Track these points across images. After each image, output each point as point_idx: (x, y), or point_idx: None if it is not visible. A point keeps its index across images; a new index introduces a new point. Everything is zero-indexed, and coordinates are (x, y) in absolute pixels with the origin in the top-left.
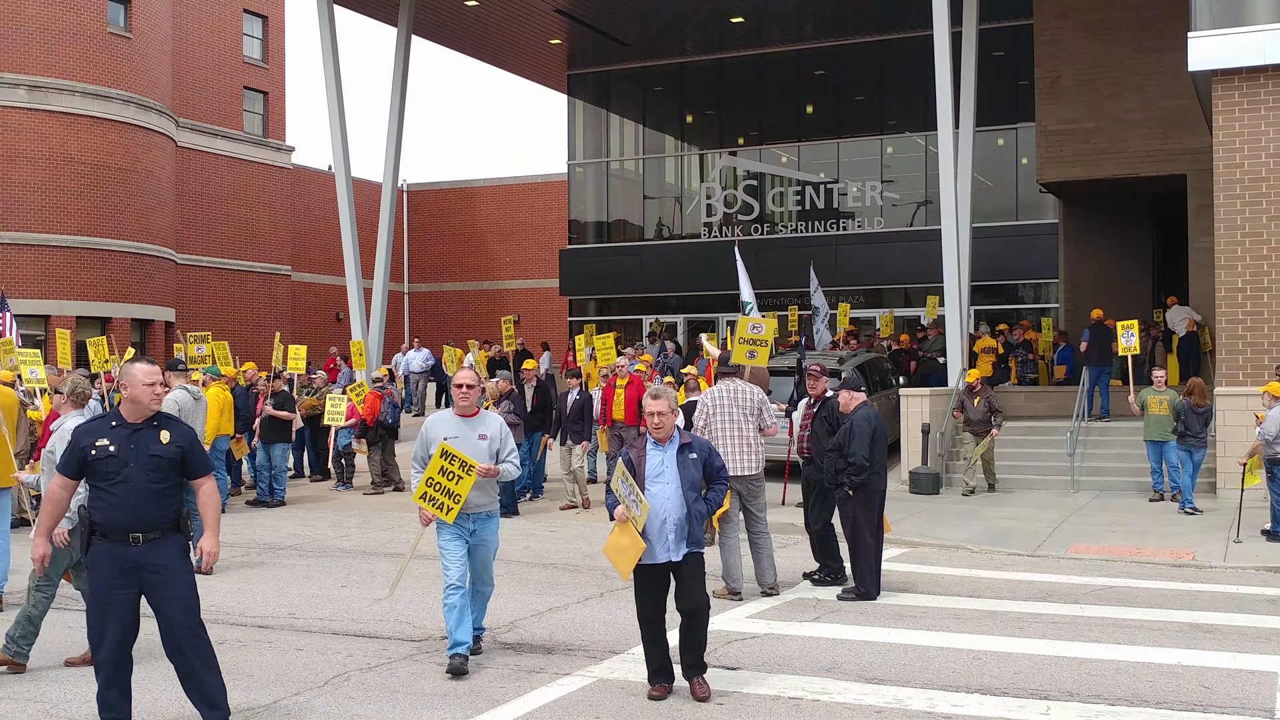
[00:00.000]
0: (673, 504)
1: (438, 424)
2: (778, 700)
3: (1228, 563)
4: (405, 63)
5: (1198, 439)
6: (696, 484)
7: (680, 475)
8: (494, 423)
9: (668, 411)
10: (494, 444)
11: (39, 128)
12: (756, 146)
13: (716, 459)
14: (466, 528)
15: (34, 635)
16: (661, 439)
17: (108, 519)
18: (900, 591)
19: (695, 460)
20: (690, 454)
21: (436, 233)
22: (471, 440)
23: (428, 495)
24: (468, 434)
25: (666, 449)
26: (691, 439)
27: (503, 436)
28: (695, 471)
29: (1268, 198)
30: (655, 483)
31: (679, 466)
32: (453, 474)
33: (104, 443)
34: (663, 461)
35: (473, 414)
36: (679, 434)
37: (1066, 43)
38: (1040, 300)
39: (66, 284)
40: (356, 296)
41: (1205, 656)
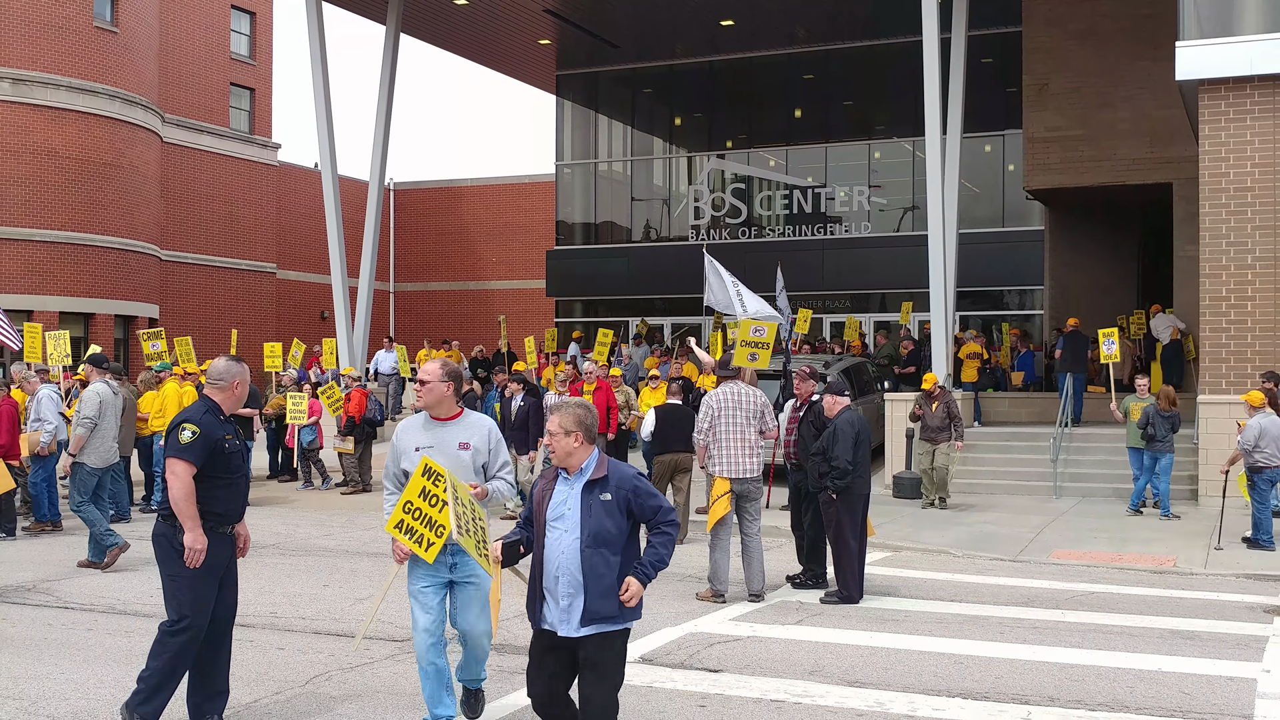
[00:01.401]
0: (568, 559)
1: (407, 431)
2: (760, 702)
3: (1209, 569)
4: (393, 61)
5: (1164, 443)
6: (610, 536)
7: (583, 523)
8: (479, 428)
9: (559, 432)
10: (479, 456)
11: (23, 121)
12: (745, 150)
13: (648, 497)
14: (445, 561)
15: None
16: (564, 467)
17: (231, 509)
18: (883, 595)
19: (610, 502)
20: (602, 493)
21: (423, 232)
22: (449, 450)
23: (404, 525)
24: (444, 442)
25: (574, 483)
26: (609, 471)
27: (492, 446)
28: (608, 519)
29: (1253, 207)
30: (554, 527)
31: (584, 509)
32: (436, 499)
33: (231, 436)
34: (566, 500)
35: (450, 416)
36: (594, 463)
37: (1055, 51)
38: (1025, 307)
39: (50, 279)
40: (341, 295)
41: (1185, 663)
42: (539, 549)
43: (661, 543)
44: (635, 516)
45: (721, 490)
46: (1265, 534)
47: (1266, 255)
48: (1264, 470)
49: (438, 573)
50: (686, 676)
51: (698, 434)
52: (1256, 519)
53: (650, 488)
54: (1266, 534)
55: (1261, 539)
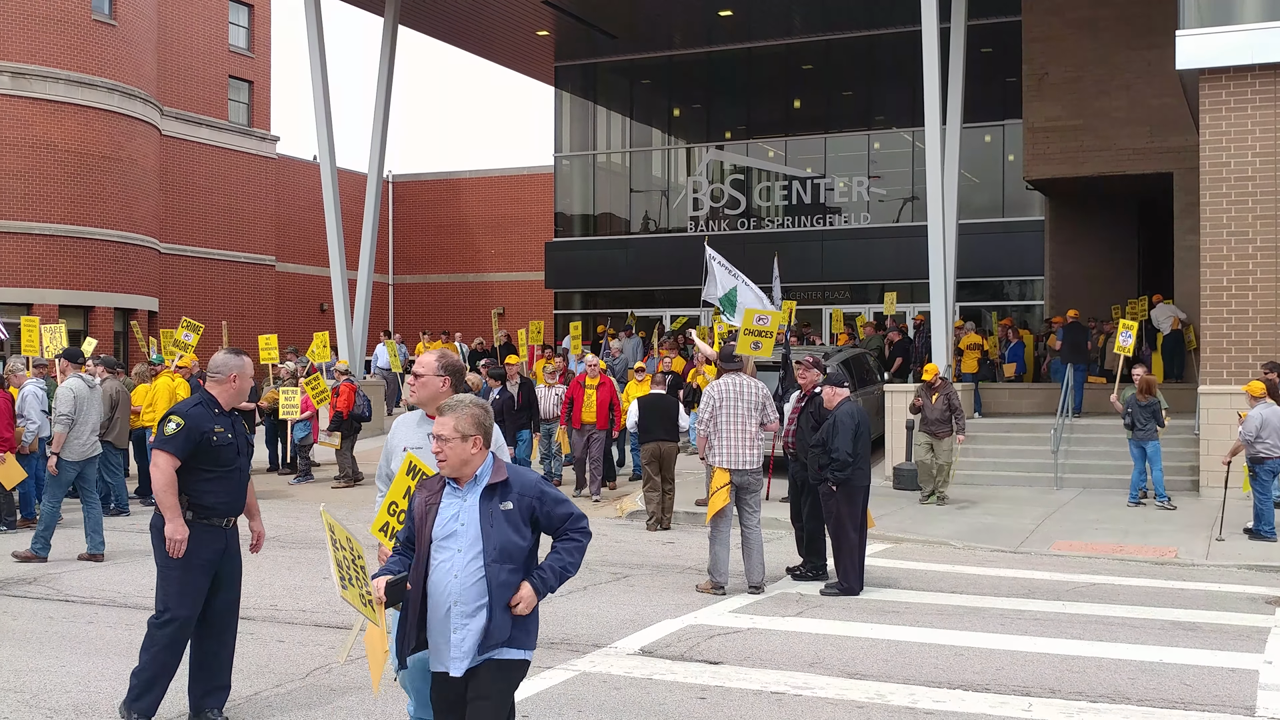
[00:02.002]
0: (463, 582)
1: (400, 429)
2: (760, 695)
3: (1210, 561)
4: (391, 53)
5: (1145, 431)
6: (516, 550)
7: (484, 536)
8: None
9: (454, 436)
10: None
11: (22, 115)
12: (744, 141)
13: (555, 504)
14: None
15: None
16: (456, 477)
17: (222, 502)
18: (883, 587)
19: (512, 512)
20: (502, 502)
21: (422, 224)
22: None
23: (390, 527)
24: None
25: (466, 493)
26: (509, 475)
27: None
28: (512, 530)
29: (1254, 196)
30: (444, 547)
31: (483, 521)
32: None
33: (221, 429)
34: (459, 514)
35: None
36: (490, 467)
37: (1055, 40)
38: (1026, 297)
39: (49, 272)
40: (341, 287)
41: (1187, 654)
42: (421, 575)
43: (569, 549)
44: (540, 527)
45: (721, 482)
46: (1267, 525)
47: (1267, 245)
48: (1265, 461)
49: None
50: (686, 668)
51: (699, 425)
52: (1258, 509)
53: (558, 494)
54: (1268, 525)
55: (1263, 530)
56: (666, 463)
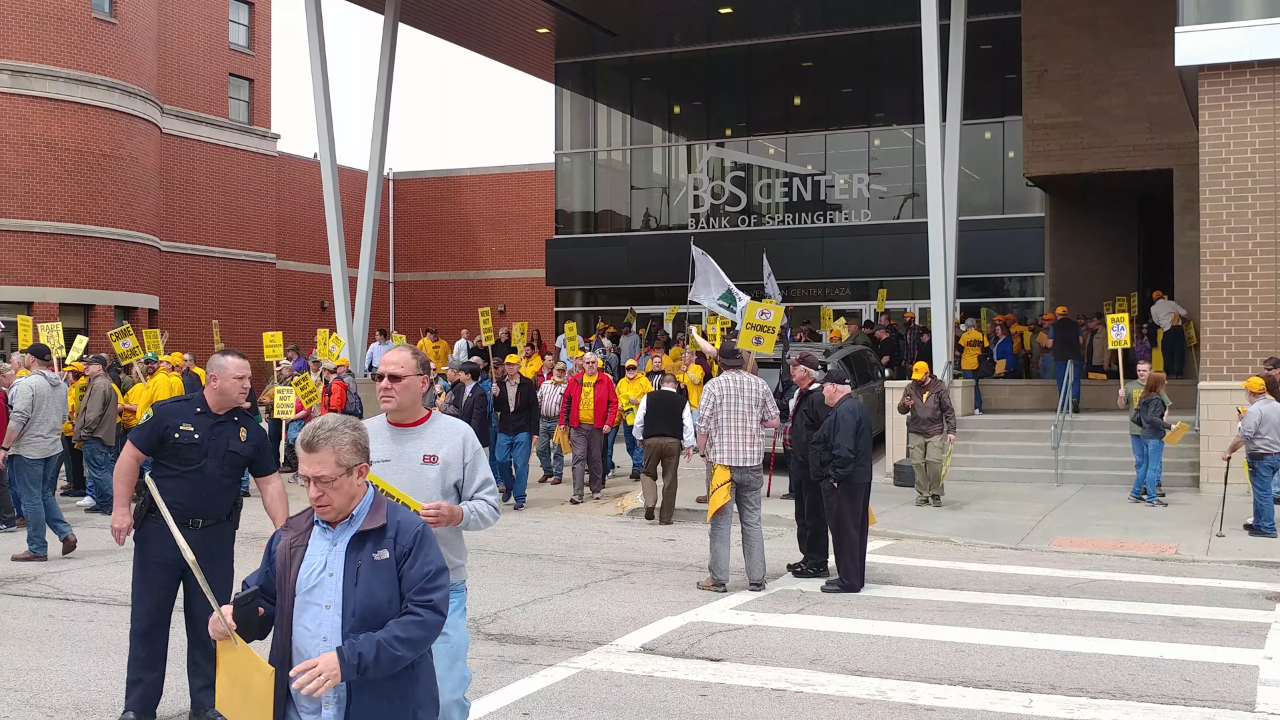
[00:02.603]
0: (329, 649)
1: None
2: (761, 691)
3: (1210, 556)
4: (392, 51)
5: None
6: (383, 612)
7: (345, 593)
8: (451, 437)
9: (336, 472)
10: (450, 472)
11: (22, 113)
12: (744, 138)
13: (425, 561)
14: None
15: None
16: (327, 519)
17: (179, 502)
18: (884, 584)
19: (387, 563)
20: (376, 549)
21: (422, 222)
22: (409, 464)
23: None
24: (404, 455)
25: (337, 536)
26: (389, 518)
27: (467, 460)
28: (381, 588)
29: (1253, 193)
30: (308, 601)
31: (347, 573)
32: None
33: (189, 428)
34: (326, 562)
35: (414, 421)
36: (369, 506)
37: (1054, 37)
38: (1026, 294)
39: (49, 271)
40: (341, 285)
41: (1187, 650)
42: (284, 633)
43: (406, 625)
44: (405, 582)
45: (722, 479)
46: (1267, 520)
47: (1267, 241)
48: (1265, 457)
49: None
50: (687, 666)
51: (699, 421)
52: (1258, 505)
53: (434, 551)
54: (1268, 520)
55: (1263, 525)
56: (668, 458)
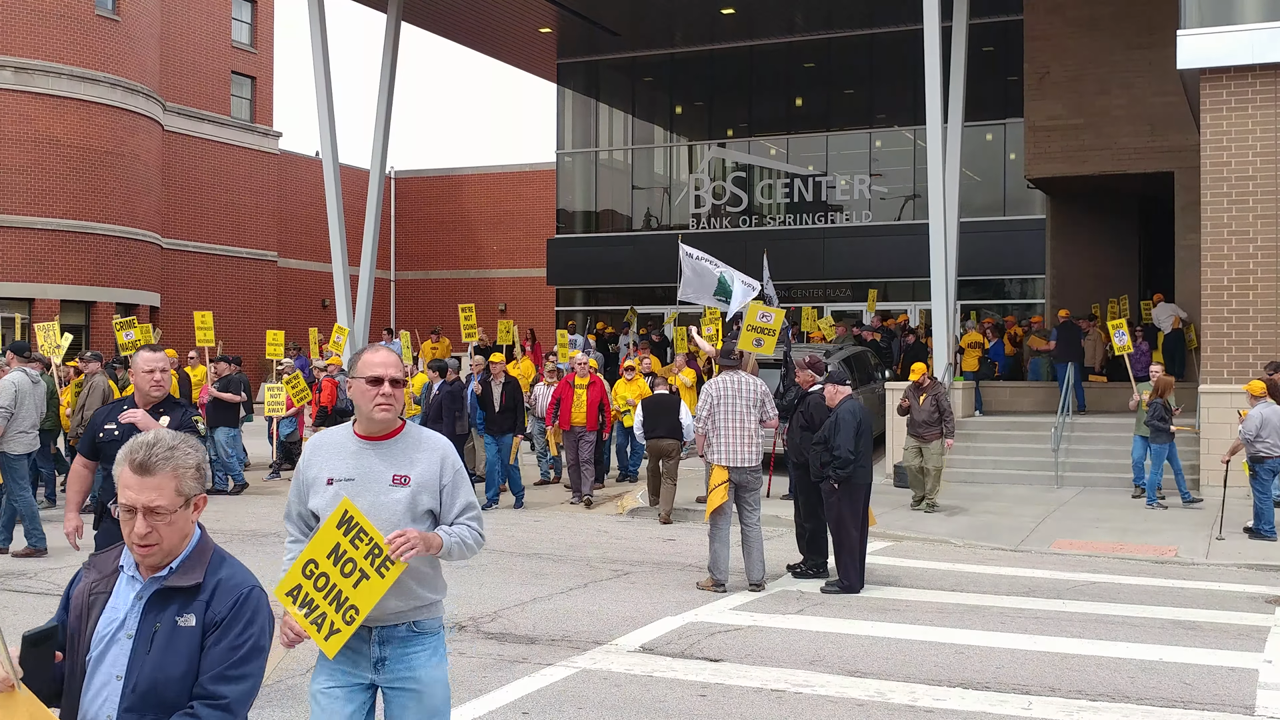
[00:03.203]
0: None
1: (319, 453)
2: (760, 692)
3: (1210, 559)
4: (394, 49)
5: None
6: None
7: (132, 661)
8: (427, 454)
9: (174, 503)
10: (424, 495)
11: (25, 110)
12: (745, 138)
13: (243, 636)
14: (367, 654)
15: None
16: (152, 562)
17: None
18: (884, 585)
19: (192, 631)
20: (180, 613)
21: (424, 220)
22: (375, 485)
23: (302, 594)
24: (371, 473)
25: (144, 589)
26: (205, 575)
27: (447, 481)
28: (176, 661)
29: (1254, 196)
30: (101, 662)
31: (139, 638)
32: (353, 566)
33: (111, 427)
34: (125, 616)
35: (384, 434)
36: (190, 555)
37: (1056, 39)
38: (1027, 296)
39: (51, 267)
40: (342, 283)
41: (1186, 653)
42: (71, 700)
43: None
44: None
45: (719, 479)
46: (1267, 524)
47: (1268, 245)
48: (1265, 460)
49: (355, 670)
50: (687, 666)
51: (697, 422)
52: (1258, 508)
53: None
54: (1268, 524)
55: (1263, 529)
56: (667, 459)
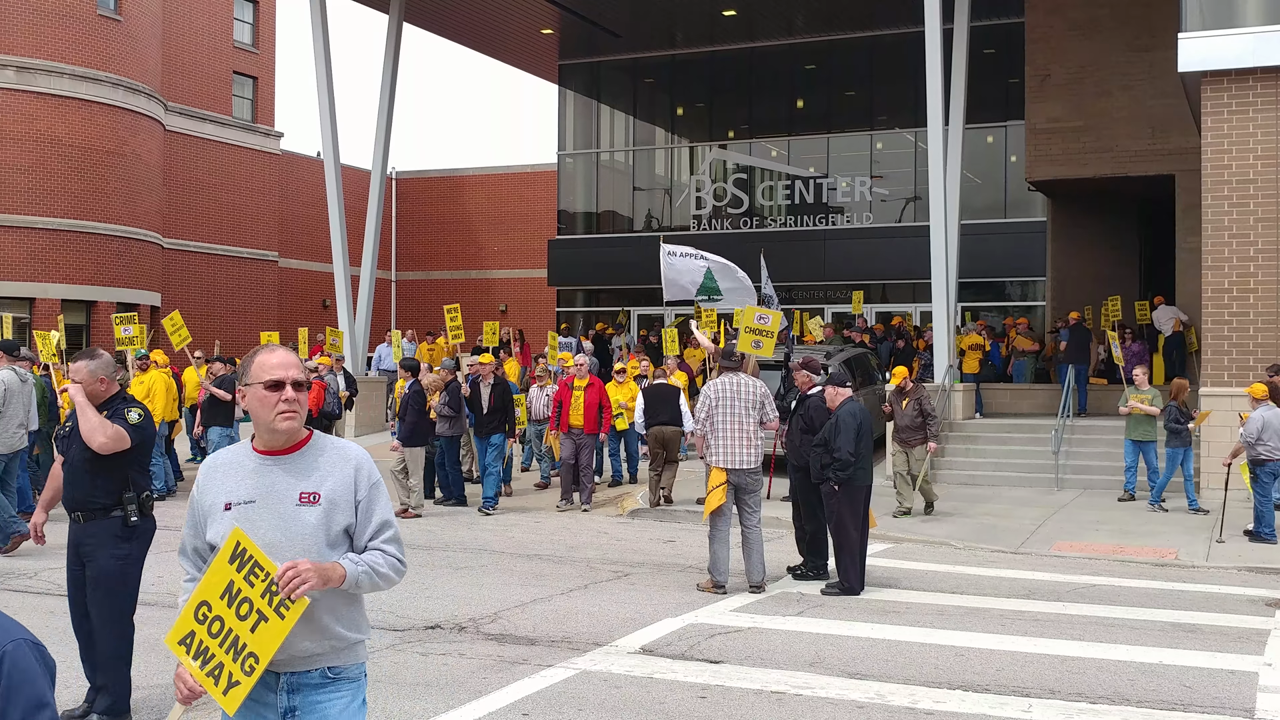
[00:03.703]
0: None
1: (215, 473)
2: (760, 694)
3: (1210, 562)
4: (396, 50)
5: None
6: None
7: None
8: (338, 466)
9: None
10: (337, 515)
11: (26, 109)
12: (746, 140)
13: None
14: (273, 705)
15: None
16: None
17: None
18: (884, 587)
19: None
20: None
21: (425, 221)
22: (281, 505)
23: (195, 641)
24: (275, 493)
25: None
26: None
27: (360, 497)
28: None
29: (1255, 199)
30: None
31: None
32: (250, 606)
33: (69, 423)
34: None
35: (288, 448)
36: None
37: (1057, 41)
38: (1028, 298)
39: (52, 267)
40: (343, 284)
41: (1187, 656)
42: None
43: None
44: None
45: (718, 481)
46: (1267, 527)
47: (1269, 247)
48: (1266, 463)
49: None
50: (687, 667)
51: (696, 424)
52: (1258, 511)
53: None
54: (1268, 527)
55: (1263, 532)
56: (670, 444)
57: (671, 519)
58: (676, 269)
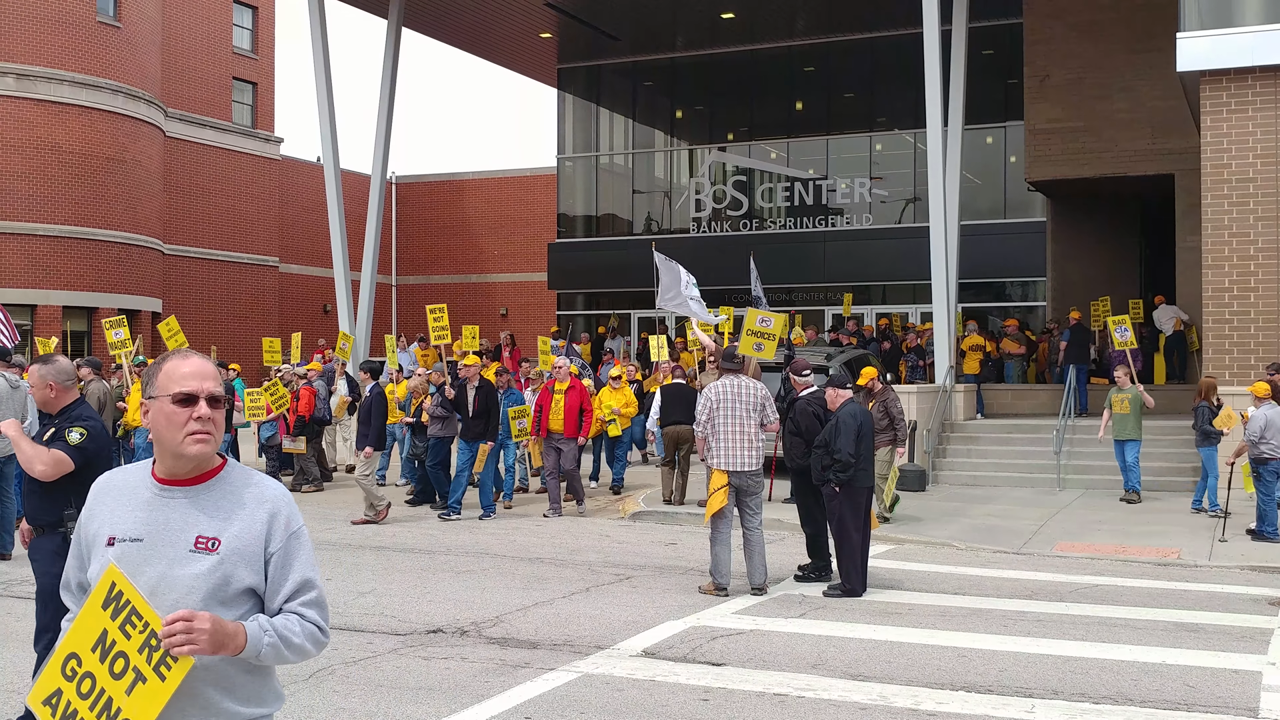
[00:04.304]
0: None
1: (106, 499)
2: (763, 696)
3: (1213, 562)
4: (395, 55)
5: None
6: None
7: None
8: (254, 508)
9: None
10: (237, 567)
11: (27, 116)
12: (746, 142)
13: None
14: None
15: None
16: None
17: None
18: (886, 589)
19: None
20: None
21: (425, 225)
22: (172, 548)
23: (63, 703)
24: (168, 530)
25: None
26: None
27: (274, 549)
28: None
29: (1255, 198)
30: None
31: None
32: (124, 660)
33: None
34: None
35: (199, 477)
36: None
37: (1056, 42)
38: (1028, 298)
39: (53, 274)
40: (344, 288)
41: (1190, 655)
42: None
43: None
44: None
45: (719, 483)
46: (1270, 526)
47: (1269, 246)
48: (1269, 462)
49: None
50: (689, 670)
51: (697, 426)
52: (1261, 511)
53: None
54: (1271, 526)
55: (1266, 531)
56: (683, 444)
57: (673, 521)
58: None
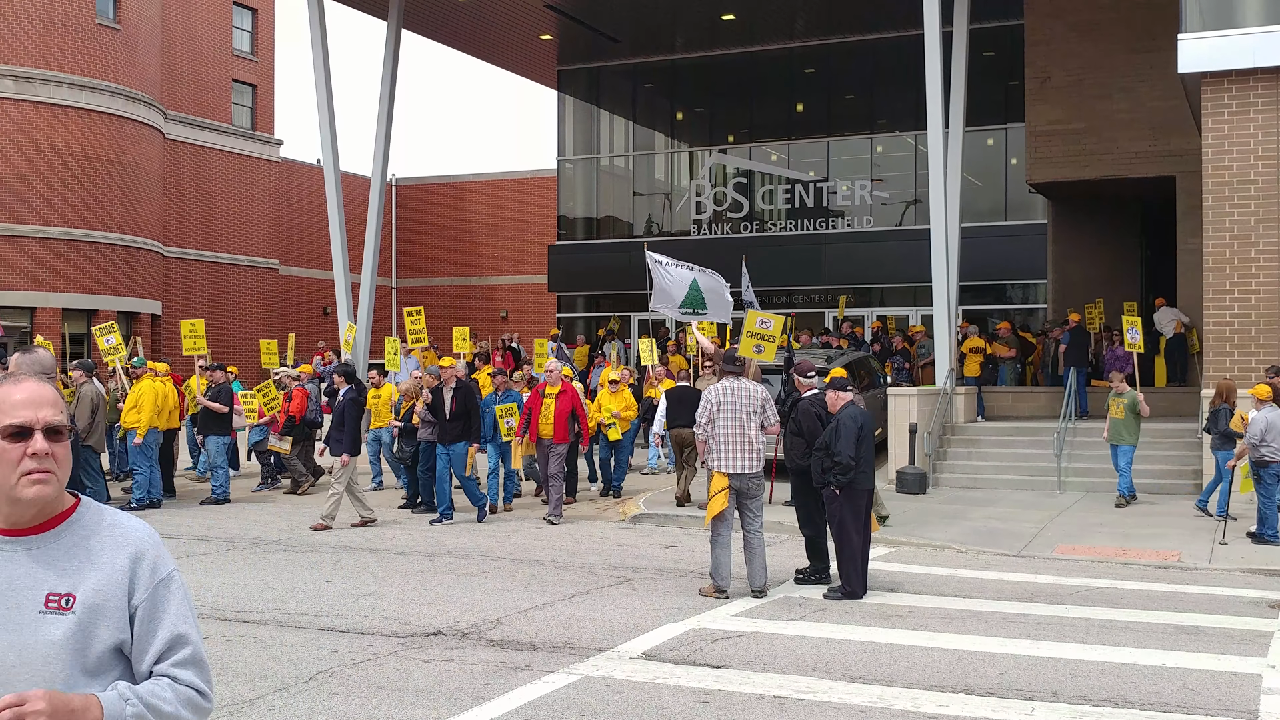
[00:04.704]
0: None
1: None
2: (763, 699)
3: (1213, 564)
4: (395, 57)
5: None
6: None
7: None
8: (113, 553)
9: None
10: (98, 626)
11: (26, 119)
12: (746, 144)
13: None
14: None
15: None
16: None
17: None
18: (886, 591)
19: None
20: None
21: (425, 227)
22: (20, 612)
23: None
24: (13, 592)
25: None
26: None
27: (138, 600)
28: None
29: (1256, 200)
30: None
31: None
32: None
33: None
34: None
35: (42, 525)
36: None
37: (1057, 43)
38: (1028, 300)
39: (53, 276)
40: (344, 291)
41: (1189, 658)
42: None
43: None
44: None
45: (719, 485)
46: (1270, 529)
47: (1271, 248)
48: (1270, 465)
49: None
50: (689, 673)
51: (697, 429)
52: (1262, 513)
53: None
54: (1271, 529)
55: (1267, 534)
56: (688, 446)
57: (673, 524)
58: (667, 279)
